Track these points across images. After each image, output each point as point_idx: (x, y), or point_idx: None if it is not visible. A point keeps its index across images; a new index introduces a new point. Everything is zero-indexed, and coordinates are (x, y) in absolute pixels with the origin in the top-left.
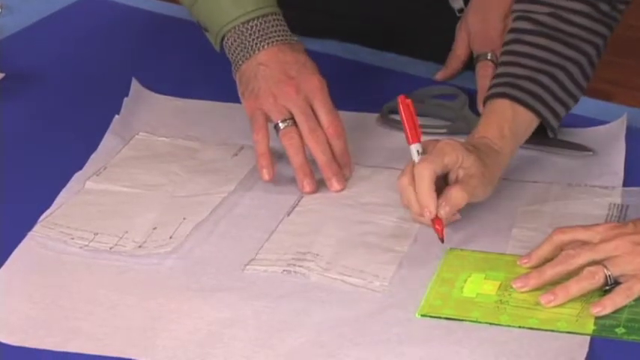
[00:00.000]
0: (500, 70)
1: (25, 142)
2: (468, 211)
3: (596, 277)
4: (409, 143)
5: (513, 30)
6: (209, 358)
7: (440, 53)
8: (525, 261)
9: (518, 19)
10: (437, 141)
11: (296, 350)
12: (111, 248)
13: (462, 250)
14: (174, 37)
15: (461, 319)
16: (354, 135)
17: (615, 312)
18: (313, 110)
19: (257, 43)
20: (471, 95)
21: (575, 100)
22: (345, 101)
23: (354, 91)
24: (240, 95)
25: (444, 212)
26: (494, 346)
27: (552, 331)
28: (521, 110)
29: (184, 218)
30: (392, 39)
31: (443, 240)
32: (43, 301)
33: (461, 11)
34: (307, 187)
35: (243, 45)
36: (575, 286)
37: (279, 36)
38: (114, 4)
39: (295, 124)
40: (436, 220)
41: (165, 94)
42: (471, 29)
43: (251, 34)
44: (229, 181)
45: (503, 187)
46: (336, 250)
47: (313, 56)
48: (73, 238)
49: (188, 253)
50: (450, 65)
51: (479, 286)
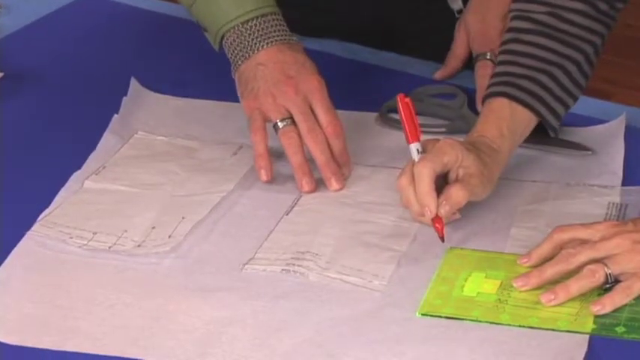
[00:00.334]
0: (499, 69)
1: (23, 142)
2: (467, 210)
3: (596, 276)
4: (409, 142)
5: (511, 29)
6: (207, 357)
7: (439, 53)
8: (525, 260)
9: (515, 18)
10: (436, 140)
11: (295, 350)
12: (110, 247)
13: (462, 249)
14: (173, 37)
15: (461, 318)
16: (353, 134)
17: (615, 311)
18: (312, 110)
19: (256, 43)
20: (470, 94)
21: (575, 99)
22: (344, 100)
23: (353, 90)
24: (239, 95)
25: (444, 211)
26: (494, 345)
27: (552, 330)
28: (519, 109)
29: (183, 217)
30: (391, 39)
31: (443, 239)
32: (41, 300)
33: (460, 12)
34: (306, 187)
35: (243, 45)
36: (576, 285)
37: (279, 36)
38: (113, 3)
39: (294, 123)
40: (436, 219)
41: (164, 94)
42: (470, 29)
43: (250, 34)
44: (228, 180)
45: (503, 186)
46: (335, 249)
47: (312, 56)
48: (71, 238)
49: (187, 252)
50: (449, 64)
51: (479, 285)
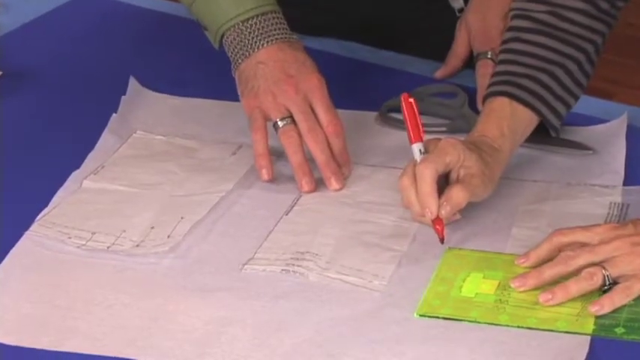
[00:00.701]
0: (499, 68)
1: (22, 141)
2: (468, 210)
3: (594, 278)
4: (411, 142)
5: (512, 28)
6: (207, 357)
7: (440, 52)
8: (523, 260)
9: (516, 17)
10: (438, 140)
11: (294, 350)
12: (108, 247)
13: (460, 249)
14: (172, 35)
15: (459, 319)
16: (353, 134)
17: (614, 311)
18: (312, 109)
19: (256, 42)
20: (471, 93)
21: (576, 98)
22: (344, 100)
23: (354, 89)
24: (239, 94)
25: (444, 212)
26: (494, 345)
27: (551, 330)
28: (520, 108)
29: (182, 217)
30: (391, 38)
31: (443, 241)
32: (40, 300)
33: (461, 11)
34: (306, 186)
35: (243, 43)
36: (574, 286)
37: (279, 34)
38: (112, 2)
39: (294, 122)
40: (436, 220)
41: (163, 93)
42: (471, 28)
43: (250, 33)
44: (227, 180)
45: (503, 185)
46: (335, 249)
47: (312, 54)
48: (70, 237)
49: (186, 252)
50: (450, 63)
51: (477, 285)
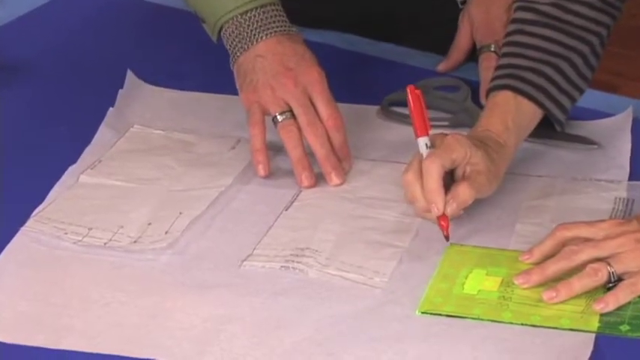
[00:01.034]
0: (503, 61)
1: (17, 135)
2: (471, 206)
3: (599, 274)
4: (417, 136)
5: (515, 20)
6: (206, 355)
7: (442, 45)
8: (527, 257)
9: (520, 9)
10: (444, 135)
11: (294, 348)
12: (105, 243)
13: (462, 245)
14: (170, 28)
15: (462, 316)
16: (354, 128)
17: (619, 309)
18: (312, 102)
19: (255, 34)
20: (474, 87)
21: (580, 91)
22: (344, 93)
23: (354, 82)
24: (238, 87)
25: (450, 210)
26: (496, 342)
27: (556, 328)
28: (524, 102)
29: (180, 213)
30: (393, 30)
31: (448, 238)
32: (35, 297)
33: (463, 3)
34: (306, 182)
35: (242, 36)
36: (578, 283)
37: (278, 27)
38: None
39: (294, 116)
40: (442, 217)
41: (161, 86)
42: (474, 20)
43: (249, 25)
44: (226, 174)
45: (507, 181)
46: (335, 245)
47: (312, 47)
48: (66, 233)
49: (184, 248)
50: (452, 56)
51: (480, 282)
